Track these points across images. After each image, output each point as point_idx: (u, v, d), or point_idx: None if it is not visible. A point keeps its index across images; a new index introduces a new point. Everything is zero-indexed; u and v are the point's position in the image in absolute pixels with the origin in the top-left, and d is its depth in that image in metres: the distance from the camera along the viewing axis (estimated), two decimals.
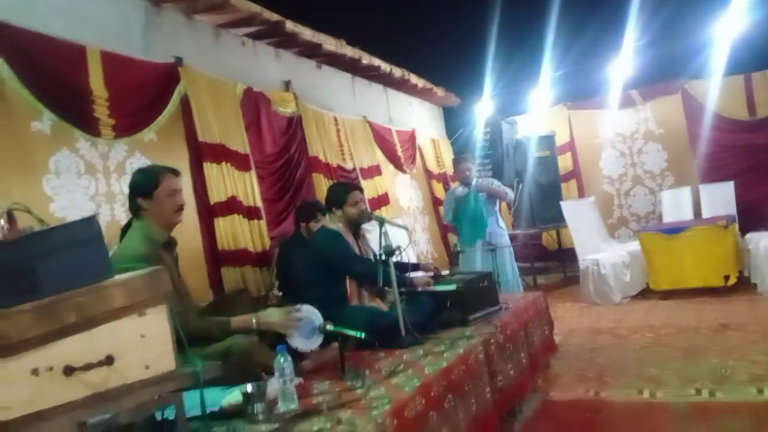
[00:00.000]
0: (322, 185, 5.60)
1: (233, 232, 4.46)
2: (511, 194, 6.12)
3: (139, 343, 1.62)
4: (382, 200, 6.68)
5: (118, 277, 1.64)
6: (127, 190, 3.67)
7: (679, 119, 7.92)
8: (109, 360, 1.54)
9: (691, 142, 7.83)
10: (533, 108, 8.70)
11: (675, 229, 6.32)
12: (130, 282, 1.64)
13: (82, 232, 1.56)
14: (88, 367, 1.50)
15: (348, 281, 3.49)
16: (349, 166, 6.25)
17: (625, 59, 7.62)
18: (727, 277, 5.94)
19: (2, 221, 1.64)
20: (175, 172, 2.70)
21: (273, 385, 2.24)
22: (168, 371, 1.67)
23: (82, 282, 1.52)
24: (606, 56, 7.73)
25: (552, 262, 8.54)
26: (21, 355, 1.42)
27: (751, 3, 6.54)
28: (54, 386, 1.45)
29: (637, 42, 7.45)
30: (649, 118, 8.21)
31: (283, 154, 5.31)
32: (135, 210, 2.59)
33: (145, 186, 2.59)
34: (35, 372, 1.43)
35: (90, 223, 1.59)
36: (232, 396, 2.22)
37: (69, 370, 1.48)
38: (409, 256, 3.62)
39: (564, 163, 8.55)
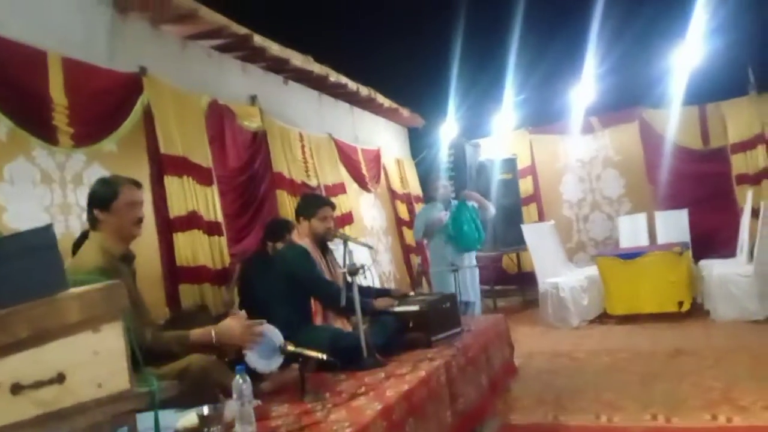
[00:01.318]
0: (285, 202, 5.54)
1: (192, 247, 4.35)
2: (492, 209, 6.14)
3: (93, 360, 1.54)
4: (346, 219, 6.65)
5: (73, 290, 1.57)
6: (83, 202, 3.58)
7: (636, 146, 8.14)
8: (60, 378, 1.46)
9: (647, 169, 8.05)
10: (496, 131, 8.84)
11: (631, 254, 6.46)
12: (87, 295, 1.57)
13: (38, 241, 1.49)
14: (38, 385, 1.43)
15: (312, 300, 3.43)
16: (313, 183, 6.20)
17: (585, 86, 7.83)
18: (680, 303, 6.09)
19: None
20: (137, 184, 2.62)
21: (230, 407, 2.17)
22: (122, 390, 1.60)
23: (37, 294, 1.45)
24: (567, 82, 7.92)
25: (511, 285, 8.62)
26: None
27: (707, 33, 6.80)
28: (1, 404, 1.37)
29: (597, 69, 7.67)
30: (608, 144, 8.42)
31: (247, 169, 5.23)
32: (92, 221, 2.51)
33: (104, 197, 2.51)
34: None
35: (46, 231, 1.52)
36: (188, 419, 2.13)
37: (17, 388, 1.40)
38: (373, 276, 3.59)
39: (525, 186, 8.69)
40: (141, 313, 2.49)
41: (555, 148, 8.70)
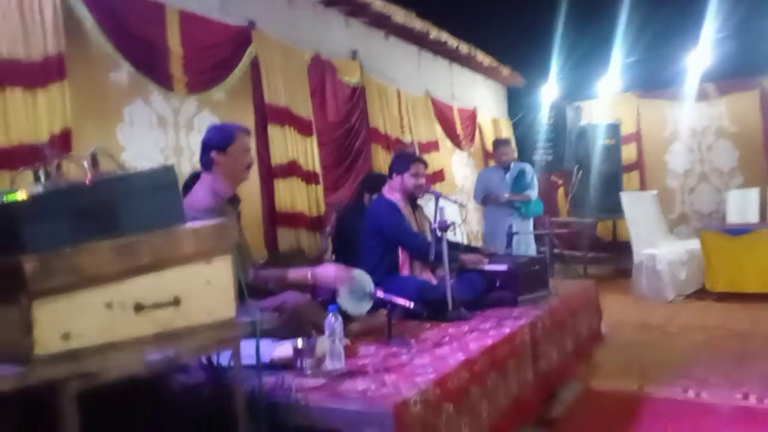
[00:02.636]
0: (379, 157, 5.64)
1: (291, 194, 4.56)
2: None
3: (205, 289, 1.70)
4: (438, 176, 6.68)
5: (189, 225, 1.72)
6: (194, 146, 3.84)
7: (754, 117, 7.59)
8: (176, 301, 1.63)
9: (765, 142, 7.49)
10: (600, 94, 8.45)
11: (740, 231, 6.11)
12: (201, 230, 1.72)
13: (161, 180, 1.64)
14: (157, 305, 1.59)
15: (401, 251, 3.53)
16: (407, 139, 6.26)
17: (702, 50, 7.31)
18: None
19: (86, 163, 1.74)
20: (248, 131, 2.78)
21: (322, 343, 2.31)
22: (229, 318, 1.76)
23: (158, 226, 1.61)
24: (682, 46, 7.43)
25: (605, 253, 8.37)
26: (97, 288, 1.51)
27: None
28: (125, 320, 1.55)
29: (717, 33, 7.13)
30: (723, 113, 7.90)
31: (345, 123, 5.37)
32: (207, 163, 2.68)
33: (222, 141, 2.67)
34: (109, 305, 1.52)
35: (168, 171, 1.67)
36: (283, 349, 2.30)
37: (139, 307, 1.57)
38: (462, 234, 3.63)
39: (628, 153, 8.31)
40: (244, 252, 2.67)
41: (664, 114, 8.25)
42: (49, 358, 1.41)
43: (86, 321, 1.49)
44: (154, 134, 3.77)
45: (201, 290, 1.70)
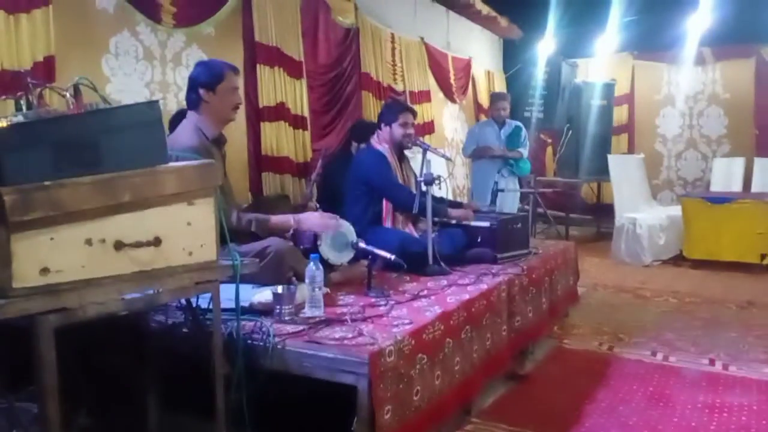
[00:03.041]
0: (370, 103, 5.56)
1: (278, 138, 4.51)
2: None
3: (186, 230, 1.69)
4: (428, 128, 6.62)
5: (171, 165, 1.70)
6: (180, 82, 3.75)
7: (748, 86, 7.57)
8: (156, 241, 1.62)
9: (756, 112, 7.50)
10: (597, 52, 8.32)
11: (721, 199, 6.17)
12: (183, 170, 1.70)
13: (144, 115, 1.61)
14: (138, 245, 1.58)
15: (384, 203, 3.52)
16: (399, 87, 6.17)
17: (702, 13, 7.19)
18: (763, 256, 5.83)
19: (68, 94, 1.69)
20: (236, 70, 2.71)
21: (302, 290, 2.33)
22: (209, 260, 1.75)
23: (140, 163, 1.58)
24: (681, 8, 7.29)
25: (588, 215, 8.44)
26: (76, 224, 1.49)
27: None
28: (105, 258, 1.54)
29: None
30: (717, 80, 7.86)
31: (336, 67, 5.26)
32: (194, 101, 2.61)
33: (210, 78, 2.60)
34: (89, 242, 1.51)
35: (152, 107, 1.64)
36: (263, 294, 2.32)
37: (119, 245, 1.56)
38: (447, 188, 3.63)
39: (619, 115, 8.28)
40: (227, 195, 2.65)
41: (658, 77, 8.19)
42: (27, 291, 1.40)
43: (65, 256, 1.48)
44: (141, 67, 3.67)
45: (182, 231, 1.69)
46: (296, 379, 2.02)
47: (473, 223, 3.57)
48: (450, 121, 7.45)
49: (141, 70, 3.66)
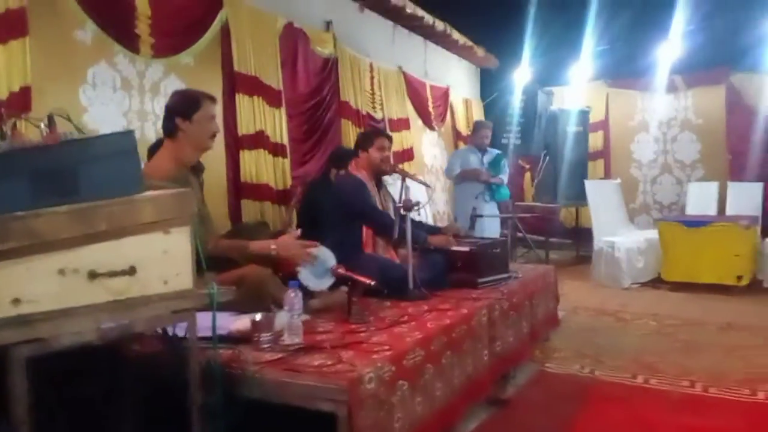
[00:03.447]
0: (349, 131, 5.60)
1: (257, 166, 4.51)
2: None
3: (161, 259, 1.68)
4: (407, 155, 6.67)
5: (148, 193, 1.69)
6: (159, 111, 3.74)
7: (719, 112, 7.75)
8: (131, 270, 1.61)
9: (727, 137, 7.68)
10: (572, 80, 8.51)
11: (697, 222, 6.27)
12: (159, 199, 1.69)
13: (120, 145, 1.61)
14: (112, 274, 1.57)
15: (364, 229, 3.53)
16: (378, 115, 6.23)
17: (672, 42, 7.40)
18: (740, 278, 5.92)
19: (43, 125, 1.69)
20: (213, 99, 2.72)
21: (281, 318, 2.31)
22: (185, 289, 1.74)
23: (115, 193, 1.58)
24: (652, 36, 7.50)
25: (567, 239, 8.52)
26: (50, 254, 1.48)
27: None
28: (78, 288, 1.52)
29: (687, 25, 7.22)
30: (689, 106, 8.05)
31: (315, 95, 5.30)
32: (170, 130, 2.61)
33: (186, 107, 2.60)
34: (62, 272, 1.50)
35: (128, 136, 1.64)
36: (241, 322, 2.30)
37: (93, 275, 1.54)
38: (427, 214, 3.65)
39: (594, 141, 8.44)
40: (205, 222, 2.64)
41: (632, 104, 8.37)
42: None
43: (38, 286, 1.46)
44: (118, 97, 3.66)
45: (158, 260, 1.68)
46: (276, 408, 1.99)
47: (453, 248, 3.59)
48: (429, 147, 7.52)
49: (118, 100, 3.66)
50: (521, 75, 8.21)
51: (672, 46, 7.46)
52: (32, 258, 1.45)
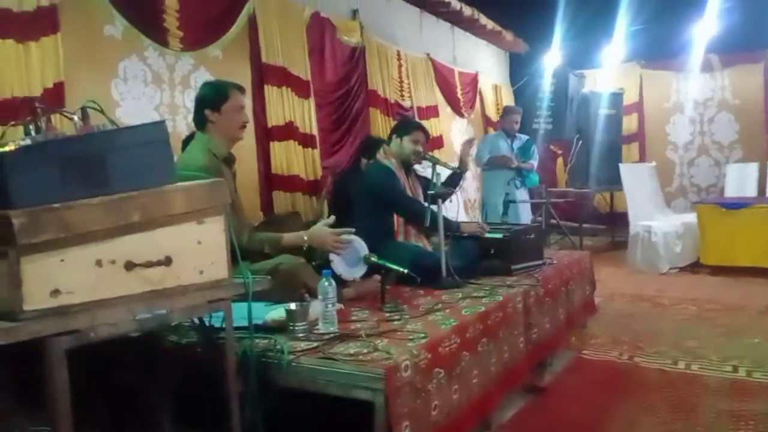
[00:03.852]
0: (378, 120, 5.58)
1: (287, 157, 4.52)
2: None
3: (196, 249, 1.68)
4: (436, 143, 6.61)
5: (180, 184, 1.69)
6: (189, 104, 3.77)
7: (758, 91, 7.50)
8: (167, 260, 1.61)
9: (766, 117, 7.43)
10: (604, 63, 8.32)
11: (736, 204, 6.10)
12: (192, 190, 1.69)
13: (152, 135, 1.61)
14: (148, 264, 1.58)
15: (396, 217, 3.51)
16: (407, 104, 6.18)
17: (708, 20, 7.18)
18: None
19: (76, 117, 1.70)
20: (242, 90, 2.72)
21: (315, 307, 2.31)
22: (220, 278, 1.74)
23: (148, 184, 1.58)
24: (687, 15, 7.27)
25: (601, 224, 8.36)
26: (86, 245, 1.49)
27: None
28: (115, 278, 1.53)
29: (723, 4, 7.00)
30: (726, 86, 7.80)
31: (343, 85, 5.28)
32: (200, 122, 2.63)
33: (215, 98, 2.61)
34: (99, 263, 1.51)
35: (159, 127, 1.64)
36: (276, 312, 2.30)
37: (130, 265, 1.55)
38: (458, 201, 3.61)
39: (628, 123, 8.23)
40: (238, 214, 2.65)
41: (667, 85, 8.15)
42: (38, 314, 1.39)
43: (75, 278, 1.47)
44: (149, 91, 3.70)
45: (193, 250, 1.68)
46: (311, 396, 1.99)
47: (486, 235, 3.55)
48: (458, 135, 7.44)
49: (150, 94, 3.69)
50: (551, 58, 8.05)
51: (707, 24, 7.23)
52: (68, 249, 1.45)
